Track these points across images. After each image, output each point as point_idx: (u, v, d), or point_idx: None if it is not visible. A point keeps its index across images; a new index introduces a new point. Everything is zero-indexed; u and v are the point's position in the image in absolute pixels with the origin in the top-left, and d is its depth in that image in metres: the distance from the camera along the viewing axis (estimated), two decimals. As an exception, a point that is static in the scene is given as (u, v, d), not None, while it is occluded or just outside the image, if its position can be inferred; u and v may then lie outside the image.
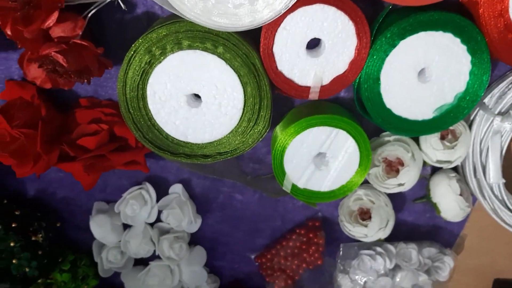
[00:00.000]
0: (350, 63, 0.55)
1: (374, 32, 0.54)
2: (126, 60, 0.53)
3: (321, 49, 0.55)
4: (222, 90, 0.55)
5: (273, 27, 0.52)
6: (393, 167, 0.65)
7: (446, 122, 0.60)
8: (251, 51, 0.53)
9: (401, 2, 0.51)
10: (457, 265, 0.76)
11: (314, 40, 0.54)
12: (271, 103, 0.56)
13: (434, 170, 0.70)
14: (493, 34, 0.53)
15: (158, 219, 0.72)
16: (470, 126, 0.65)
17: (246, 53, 0.53)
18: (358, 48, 0.54)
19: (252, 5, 0.48)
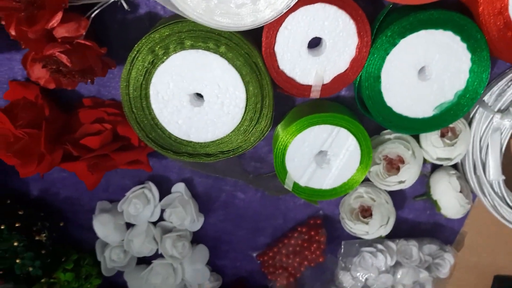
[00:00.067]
0: (351, 62, 0.55)
1: (374, 30, 0.54)
2: (129, 60, 0.53)
3: (322, 48, 0.55)
4: (225, 89, 0.55)
5: (274, 27, 0.53)
6: (393, 165, 0.66)
7: (446, 120, 0.60)
8: (253, 51, 0.54)
9: (401, 1, 0.51)
10: (457, 262, 0.76)
11: (315, 39, 0.54)
12: (273, 102, 0.56)
13: (434, 168, 0.71)
14: (492, 32, 0.54)
15: (161, 218, 0.72)
16: (470, 124, 0.66)
17: (248, 52, 0.54)
18: (359, 46, 0.54)
19: (254, 4, 0.49)
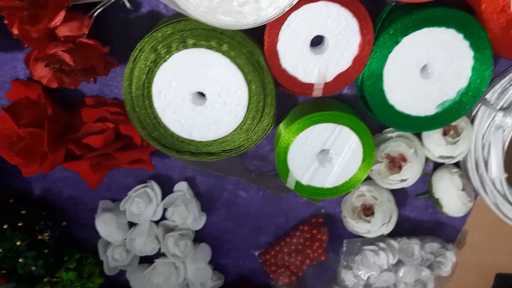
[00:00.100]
0: (354, 60, 0.55)
1: (377, 28, 0.54)
2: (132, 58, 0.53)
3: (324, 46, 0.55)
4: (227, 88, 0.55)
5: (277, 25, 0.53)
6: (395, 163, 0.66)
7: (449, 118, 0.60)
8: (256, 49, 0.53)
9: (404, -1, 0.52)
10: (459, 260, 0.76)
11: (318, 37, 0.54)
12: (275, 101, 0.56)
13: (436, 166, 0.71)
14: (495, 29, 0.54)
15: (163, 217, 0.72)
16: (472, 122, 0.65)
17: (250, 51, 0.54)
18: (361, 44, 0.54)
19: (256, 3, 0.49)
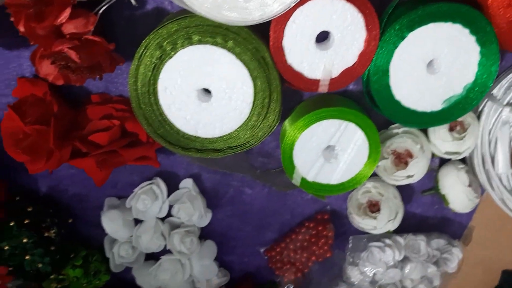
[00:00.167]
0: (359, 56, 0.55)
1: (383, 24, 0.54)
2: (137, 55, 0.53)
3: (330, 42, 0.55)
4: (232, 85, 0.55)
5: (282, 21, 0.52)
6: (402, 159, 0.66)
7: (455, 114, 0.60)
8: (261, 45, 0.53)
9: (410, -6, 0.52)
10: (465, 256, 0.76)
11: (323, 33, 0.54)
12: (281, 97, 0.56)
13: (442, 162, 0.70)
14: (501, 24, 0.53)
15: (169, 214, 0.72)
16: (478, 117, 0.65)
17: (256, 47, 0.53)
18: (367, 40, 0.54)
19: (262, -2, 0.49)
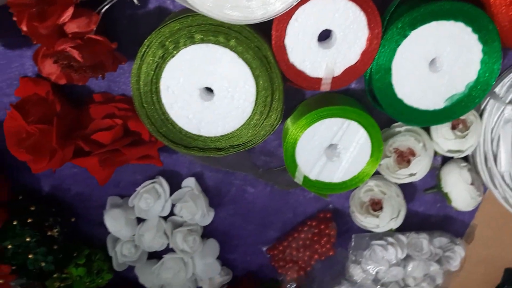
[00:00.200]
0: (362, 54, 0.55)
1: (385, 22, 0.54)
2: (140, 54, 0.53)
3: (332, 40, 0.55)
4: (235, 83, 0.55)
5: (284, 19, 0.53)
6: (404, 158, 0.66)
7: (457, 112, 0.60)
8: (263, 44, 0.53)
9: (412, -8, 0.51)
10: (467, 254, 0.76)
11: (326, 31, 0.54)
12: (283, 95, 0.56)
13: (445, 160, 0.70)
14: (504, 22, 0.53)
15: (171, 213, 0.72)
16: (481, 115, 0.65)
17: (258, 45, 0.53)
18: (369, 38, 0.54)
19: (264, -3, 0.49)
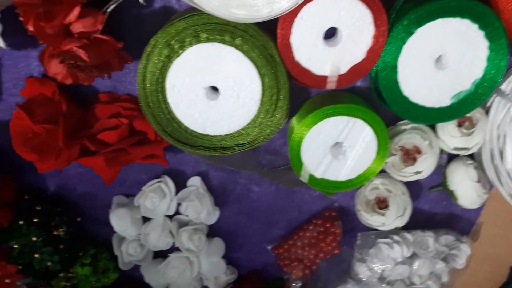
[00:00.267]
0: (368, 52, 0.55)
1: (391, 19, 0.54)
2: (145, 54, 0.53)
3: (338, 38, 0.55)
4: (240, 82, 0.55)
5: (290, 18, 0.52)
6: (410, 156, 0.65)
7: (464, 109, 0.60)
8: (269, 42, 0.53)
9: (418, -11, 0.51)
10: (473, 252, 0.76)
11: (331, 29, 0.54)
12: (289, 94, 0.56)
13: (451, 158, 0.70)
14: (510, 19, 0.53)
15: (177, 212, 0.72)
16: (487, 113, 0.65)
17: (263, 44, 0.53)
18: (375, 36, 0.54)
19: (270, -5, 0.49)
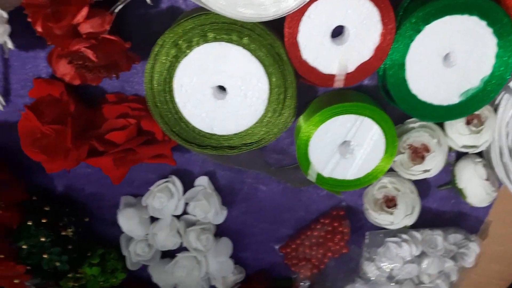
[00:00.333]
0: (375, 50, 0.55)
1: (399, 17, 0.54)
2: (153, 54, 0.53)
3: (345, 36, 0.55)
4: (247, 81, 0.55)
5: (297, 16, 0.52)
6: (418, 154, 0.65)
7: (472, 107, 0.59)
8: (276, 41, 0.53)
9: (426, -13, 0.51)
10: (482, 251, 0.76)
11: (338, 27, 0.54)
12: (296, 93, 0.56)
13: (459, 156, 0.70)
14: (519, 15, 0.53)
15: (184, 212, 0.72)
16: (495, 110, 0.64)
17: (270, 43, 0.53)
18: (383, 34, 0.53)
19: (277, -6, 0.48)
